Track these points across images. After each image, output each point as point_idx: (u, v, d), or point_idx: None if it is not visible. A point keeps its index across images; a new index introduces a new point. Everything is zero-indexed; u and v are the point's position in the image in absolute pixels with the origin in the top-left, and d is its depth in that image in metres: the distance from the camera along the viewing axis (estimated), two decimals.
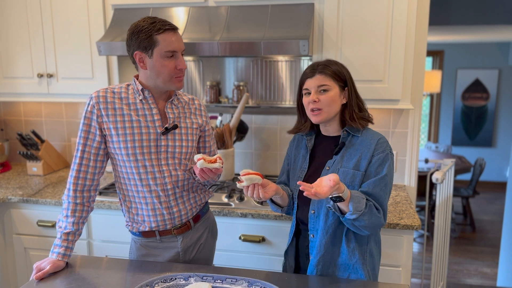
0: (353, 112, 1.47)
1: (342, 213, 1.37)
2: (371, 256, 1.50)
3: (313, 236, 1.50)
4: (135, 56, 1.47)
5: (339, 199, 1.29)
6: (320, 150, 1.53)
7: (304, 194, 1.23)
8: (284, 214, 1.99)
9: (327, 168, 1.47)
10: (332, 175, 1.24)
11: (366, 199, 1.37)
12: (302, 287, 1.41)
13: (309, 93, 1.45)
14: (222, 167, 1.46)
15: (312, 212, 1.48)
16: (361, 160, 1.43)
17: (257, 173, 1.38)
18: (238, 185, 1.38)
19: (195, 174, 1.58)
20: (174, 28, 1.46)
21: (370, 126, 1.54)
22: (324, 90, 1.43)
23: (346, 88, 1.46)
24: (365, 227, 1.37)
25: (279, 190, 1.49)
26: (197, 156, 1.44)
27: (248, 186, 1.39)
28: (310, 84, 1.45)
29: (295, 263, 1.60)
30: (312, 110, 1.44)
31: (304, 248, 1.55)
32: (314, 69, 1.45)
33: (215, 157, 1.45)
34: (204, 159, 1.43)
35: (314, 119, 1.45)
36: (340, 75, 1.45)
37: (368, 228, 1.38)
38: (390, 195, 1.47)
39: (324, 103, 1.42)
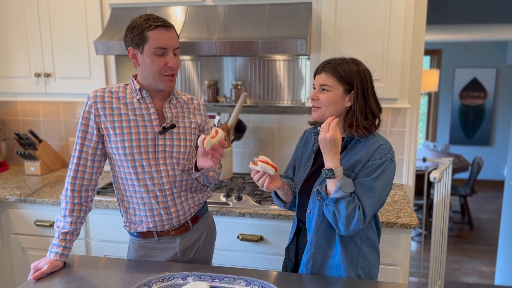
0: (354, 118, 1.42)
1: (328, 194, 1.36)
2: (365, 261, 1.47)
3: (309, 235, 1.50)
4: (128, 52, 1.47)
5: (331, 173, 1.33)
6: None
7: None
8: (282, 213, 2.00)
9: None
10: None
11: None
12: (300, 286, 1.41)
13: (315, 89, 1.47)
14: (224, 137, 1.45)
15: (309, 211, 1.48)
16: (357, 163, 1.40)
17: (274, 166, 1.41)
18: (251, 166, 1.41)
19: (195, 171, 1.56)
20: (167, 25, 1.43)
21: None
22: (325, 90, 1.42)
23: (352, 92, 1.42)
24: (344, 219, 1.33)
25: (284, 186, 1.52)
26: (200, 139, 1.41)
27: (258, 171, 1.42)
28: (316, 81, 1.45)
29: (295, 260, 1.61)
30: (313, 107, 1.46)
31: (303, 246, 1.55)
32: (323, 66, 1.44)
33: (213, 131, 1.43)
34: (209, 137, 1.40)
35: (312, 115, 1.47)
36: (347, 78, 1.40)
37: (344, 222, 1.33)
38: (379, 203, 1.40)
39: (322, 102, 1.42)
